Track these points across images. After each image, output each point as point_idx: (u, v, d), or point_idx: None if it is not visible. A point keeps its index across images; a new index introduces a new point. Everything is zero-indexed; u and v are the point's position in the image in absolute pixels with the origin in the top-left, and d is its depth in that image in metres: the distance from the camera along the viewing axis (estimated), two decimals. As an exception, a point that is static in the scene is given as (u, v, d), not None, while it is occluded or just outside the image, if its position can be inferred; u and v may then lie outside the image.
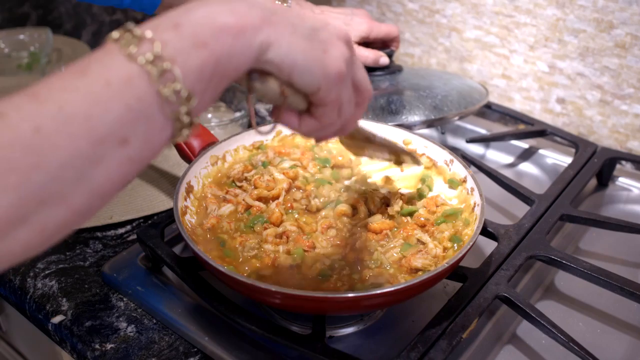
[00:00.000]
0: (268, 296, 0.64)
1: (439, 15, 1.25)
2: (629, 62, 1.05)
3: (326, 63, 0.50)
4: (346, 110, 0.55)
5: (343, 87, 0.53)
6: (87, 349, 0.71)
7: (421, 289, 0.67)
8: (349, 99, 0.55)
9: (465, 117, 1.03)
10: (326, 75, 0.50)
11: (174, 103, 0.42)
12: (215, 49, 0.43)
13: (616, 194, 0.99)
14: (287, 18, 0.48)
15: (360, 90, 0.57)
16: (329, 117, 0.54)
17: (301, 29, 0.49)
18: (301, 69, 0.48)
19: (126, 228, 0.90)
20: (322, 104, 0.52)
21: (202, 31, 0.43)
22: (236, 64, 0.45)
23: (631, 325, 0.75)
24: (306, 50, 0.48)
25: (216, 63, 0.44)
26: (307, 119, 0.55)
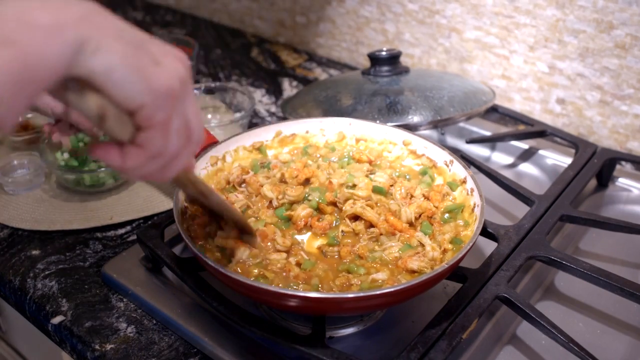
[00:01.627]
0: (268, 296, 0.64)
1: (439, 15, 1.25)
2: (628, 63, 1.05)
3: (154, 76, 0.44)
4: (174, 142, 0.48)
5: (174, 109, 0.47)
6: (87, 349, 0.71)
7: (421, 290, 0.67)
8: (178, 129, 0.48)
9: (471, 118, 1.03)
10: (152, 89, 0.44)
11: None
12: (23, 47, 0.38)
13: (616, 194, 0.99)
14: (112, 21, 0.44)
15: (190, 127, 0.50)
16: (156, 143, 0.47)
17: (129, 36, 0.44)
18: (120, 77, 0.42)
19: (126, 228, 0.90)
20: (147, 126, 0.46)
21: (11, 27, 0.38)
22: (48, 66, 0.39)
23: (631, 325, 0.75)
24: (130, 56, 0.43)
25: (25, 64, 0.38)
26: (132, 150, 0.47)
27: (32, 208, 0.92)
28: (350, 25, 1.39)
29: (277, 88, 1.32)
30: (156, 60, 0.45)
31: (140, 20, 1.65)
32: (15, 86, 0.38)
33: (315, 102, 1.06)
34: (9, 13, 0.39)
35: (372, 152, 0.89)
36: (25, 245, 0.86)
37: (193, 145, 0.51)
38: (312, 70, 1.40)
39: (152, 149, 0.47)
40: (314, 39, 1.48)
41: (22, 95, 0.39)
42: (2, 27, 0.38)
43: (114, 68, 0.42)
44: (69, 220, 0.90)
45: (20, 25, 0.38)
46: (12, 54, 0.38)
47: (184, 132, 0.49)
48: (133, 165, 0.48)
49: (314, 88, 1.12)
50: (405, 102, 1.00)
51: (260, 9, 1.55)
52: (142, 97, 0.44)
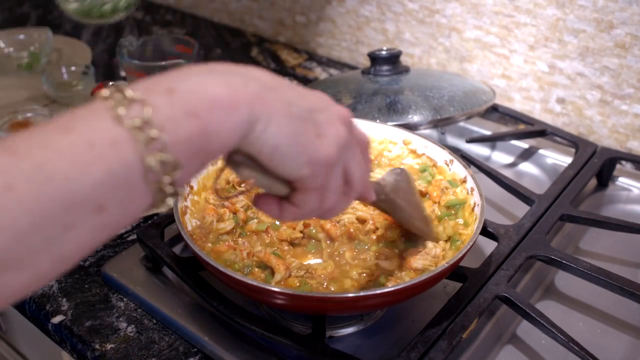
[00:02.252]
0: (268, 296, 0.64)
1: (439, 15, 1.25)
2: (629, 62, 1.05)
3: (315, 149, 0.47)
4: (329, 199, 0.51)
5: (330, 174, 0.49)
6: (87, 349, 0.71)
7: (421, 289, 0.67)
8: (334, 188, 0.51)
9: (471, 118, 1.03)
10: (313, 161, 0.47)
11: (157, 172, 0.39)
12: (206, 121, 0.41)
13: (616, 194, 0.99)
14: (283, 95, 0.46)
15: (350, 182, 0.52)
16: (310, 205, 0.50)
17: (297, 109, 0.46)
18: (284, 153, 0.45)
19: (126, 228, 0.90)
20: (304, 191, 0.49)
21: (195, 100, 0.41)
22: (224, 140, 0.42)
23: (631, 325, 0.75)
24: (295, 133, 0.45)
25: (205, 136, 0.41)
26: (287, 207, 0.51)
27: (32, 208, 0.92)
28: (351, 25, 1.39)
29: (277, 87, 1.32)
30: (319, 132, 0.47)
31: (140, 20, 1.65)
32: (193, 155, 0.41)
33: (315, 101, 1.06)
34: (194, 85, 0.41)
35: (372, 152, 0.89)
36: (25, 244, 0.86)
37: (353, 194, 0.54)
38: (312, 69, 1.40)
39: (308, 208, 0.51)
40: (314, 39, 1.48)
41: (196, 162, 0.42)
42: (189, 99, 0.41)
43: (280, 145, 0.45)
44: (69, 219, 0.90)
45: (204, 99, 0.41)
46: (196, 126, 0.40)
47: (340, 187, 0.51)
48: (290, 219, 0.53)
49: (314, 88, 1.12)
50: (405, 102, 1.00)
51: (260, 8, 1.55)
52: (301, 170, 0.47)
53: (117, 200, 0.38)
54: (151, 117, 0.39)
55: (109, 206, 0.38)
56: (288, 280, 0.69)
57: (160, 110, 0.39)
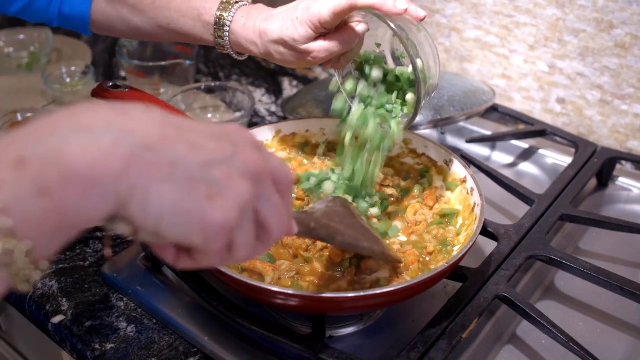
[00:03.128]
0: (268, 296, 0.64)
1: (439, 15, 1.25)
2: (629, 62, 1.05)
3: (208, 213, 0.40)
4: (240, 253, 0.45)
5: (234, 234, 0.43)
6: (87, 349, 0.71)
7: (421, 289, 0.67)
8: (245, 242, 0.45)
9: (471, 118, 1.03)
10: (203, 228, 0.40)
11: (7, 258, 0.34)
12: (61, 200, 0.35)
13: (616, 194, 0.99)
14: (166, 153, 0.39)
15: (267, 228, 0.46)
16: (212, 261, 0.45)
17: (183, 168, 0.39)
18: (169, 224, 0.39)
19: None
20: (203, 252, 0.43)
21: (49, 174, 0.35)
22: (87, 217, 0.37)
23: (631, 325, 0.75)
24: (180, 200, 0.39)
25: (62, 216, 0.36)
26: (185, 258, 0.45)
27: (32, 207, 0.92)
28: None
29: (277, 87, 1.32)
30: (213, 193, 0.40)
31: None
32: (52, 235, 0.36)
33: (315, 101, 1.06)
34: (50, 153, 0.35)
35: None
36: (25, 244, 0.86)
37: (271, 241, 0.47)
38: (312, 69, 1.40)
39: (207, 264, 0.45)
40: (314, 39, 1.48)
41: (59, 239, 0.37)
42: (40, 173, 0.35)
43: (162, 216, 0.39)
44: (69, 219, 0.90)
45: (56, 172, 0.35)
46: (48, 206, 0.35)
47: (252, 239, 0.45)
48: (188, 267, 0.46)
49: (314, 87, 1.12)
50: (405, 102, 0.99)
51: (260, 8, 1.55)
52: (192, 239, 0.41)
53: None
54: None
55: None
56: (280, 281, 0.69)
57: (6, 187, 0.34)
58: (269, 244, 0.48)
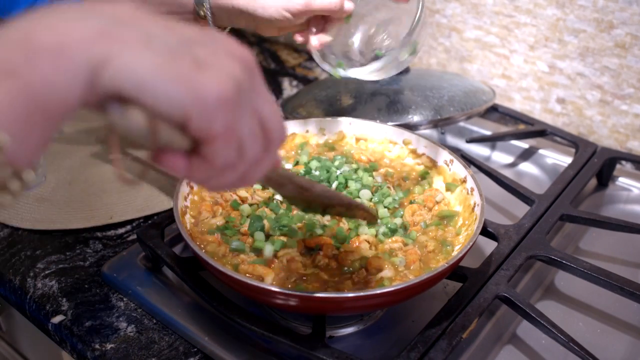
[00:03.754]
0: (268, 296, 0.64)
1: (439, 15, 1.25)
2: (629, 62, 1.05)
3: (198, 82, 0.37)
4: (250, 150, 0.42)
5: (236, 116, 0.40)
6: (87, 349, 0.71)
7: (421, 289, 0.67)
8: (250, 134, 0.42)
9: (471, 118, 1.03)
10: (198, 98, 0.37)
11: None
12: (25, 77, 0.33)
13: (616, 194, 0.99)
14: (141, 28, 0.37)
15: (267, 126, 0.43)
16: (223, 156, 0.41)
17: (160, 42, 0.37)
18: (155, 88, 0.36)
19: (126, 228, 0.90)
20: (206, 139, 0.39)
21: (14, 56, 0.34)
22: (61, 94, 0.35)
23: (631, 325, 0.75)
24: (163, 64, 0.36)
25: (31, 95, 0.34)
26: (197, 162, 0.41)
27: (32, 207, 0.92)
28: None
29: (277, 87, 1.32)
30: (201, 64, 0.38)
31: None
32: (26, 121, 0.34)
33: (315, 101, 1.06)
34: (16, 36, 0.34)
35: (374, 154, 0.90)
36: (25, 244, 0.86)
37: (274, 145, 0.45)
38: (312, 69, 1.40)
39: (221, 161, 0.41)
40: (314, 39, 1.48)
41: (37, 129, 0.35)
42: (6, 56, 0.34)
43: (145, 80, 0.36)
44: (69, 219, 0.90)
45: (21, 51, 0.34)
46: (16, 87, 0.33)
47: (259, 135, 0.43)
48: (202, 178, 0.42)
49: (314, 87, 1.12)
50: (405, 102, 1.00)
51: (260, 8, 1.55)
52: (185, 108, 0.37)
53: None
54: None
55: None
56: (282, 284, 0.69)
57: None
58: (274, 146, 0.45)
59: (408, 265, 0.71)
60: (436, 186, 0.85)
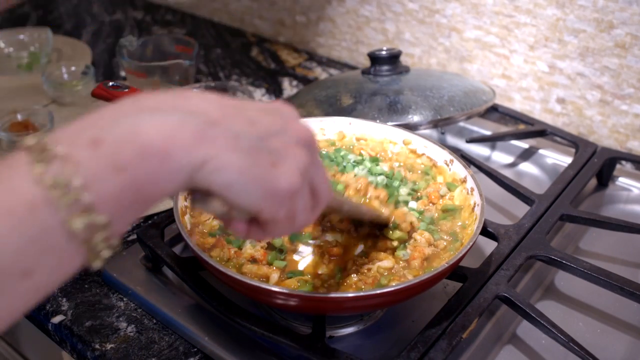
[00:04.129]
0: (268, 296, 0.64)
1: (439, 15, 1.25)
2: (629, 62, 1.05)
3: (272, 180, 0.43)
4: (300, 220, 0.48)
5: (295, 201, 0.46)
6: (87, 349, 0.71)
7: (421, 289, 0.67)
8: (304, 208, 0.48)
9: (471, 118, 1.03)
10: (271, 194, 0.44)
11: (86, 232, 0.36)
12: (137, 174, 0.38)
13: (616, 194, 0.99)
14: (229, 128, 0.42)
15: (317, 194, 0.50)
16: (280, 230, 0.48)
17: (246, 140, 0.42)
18: (237, 191, 0.42)
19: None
20: (271, 220, 0.46)
21: (124, 152, 0.37)
22: (162, 189, 0.40)
23: (631, 325, 0.75)
24: (247, 167, 0.42)
25: (138, 189, 0.38)
26: (256, 229, 0.48)
27: (32, 207, 0.92)
28: (350, 25, 1.39)
29: (277, 87, 1.32)
30: (276, 161, 0.44)
31: (140, 20, 1.65)
32: (126, 209, 0.38)
33: (315, 101, 1.06)
34: (124, 133, 0.38)
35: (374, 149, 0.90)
36: (25, 244, 0.86)
37: (320, 207, 0.51)
38: (312, 69, 1.40)
39: (276, 233, 0.48)
40: (314, 39, 1.48)
41: (130, 214, 0.39)
42: (116, 151, 0.37)
43: (232, 183, 0.41)
44: (69, 219, 0.89)
45: (133, 150, 0.37)
46: (126, 181, 0.37)
47: (309, 206, 0.49)
48: (256, 238, 0.52)
49: (314, 88, 1.12)
50: (405, 102, 1.00)
51: (260, 8, 1.55)
52: (261, 203, 0.44)
53: (45, 264, 0.36)
54: (73, 176, 0.35)
55: (36, 271, 0.36)
56: (286, 282, 0.69)
57: (84, 166, 0.36)
58: (319, 209, 0.51)
59: (410, 261, 0.71)
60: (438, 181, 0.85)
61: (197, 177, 0.40)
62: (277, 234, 0.49)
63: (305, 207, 0.48)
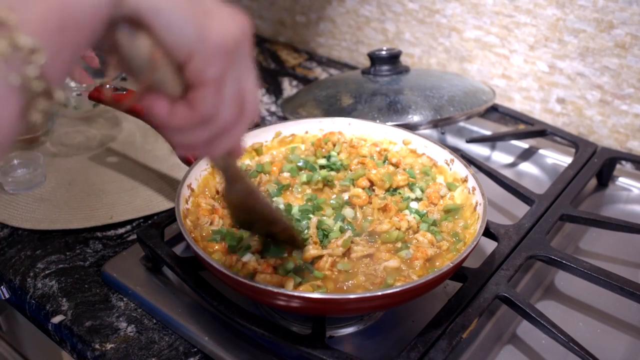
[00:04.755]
0: (268, 297, 0.64)
1: (439, 15, 1.25)
2: (629, 62, 1.05)
3: (207, 25, 0.41)
4: (225, 109, 0.45)
5: (227, 70, 0.44)
6: (87, 349, 0.71)
7: (423, 290, 0.66)
8: (231, 96, 0.45)
9: (471, 118, 1.03)
10: (204, 38, 0.41)
11: (14, 62, 0.34)
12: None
13: (616, 194, 0.99)
14: None
15: (244, 98, 0.47)
16: (206, 104, 0.44)
17: None
18: (170, 18, 0.40)
19: (126, 228, 0.90)
20: (199, 82, 0.43)
21: None
22: (90, 10, 0.37)
23: (631, 325, 0.75)
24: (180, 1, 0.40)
25: (64, 8, 0.36)
26: (180, 107, 0.44)
27: (32, 207, 0.92)
28: (351, 25, 1.39)
29: (277, 87, 1.32)
30: (208, 12, 0.42)
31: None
32: (59, 33, 0.36)
33: (315, 101, 1.06)
34: None
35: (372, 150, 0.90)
36: (25, 244, 0.86)
37: (246, 119, 0.48)
38: (312, 69, 1.40)
39: (202, 109, 0.44)
40: (314, 39, 1.48)
41: (67, 44, 0.37)
42: None
43: (163, 8, 0.39)
44: (69, 219, 0.90)
45: None
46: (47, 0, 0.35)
47: (236, 101, 0.46)
48: (179, 124, 0.45)
49: (314, 87, 1.12)
50: (405, 102, 1.00)
51: (260, 8, 1.55)
52: (192, 44, 0.41)
53: None
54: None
55: None
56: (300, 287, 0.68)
57: None
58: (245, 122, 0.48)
59: (412, 261, 0.71)
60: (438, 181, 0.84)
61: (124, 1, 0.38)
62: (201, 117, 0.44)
63: (232, 97, 0.45)
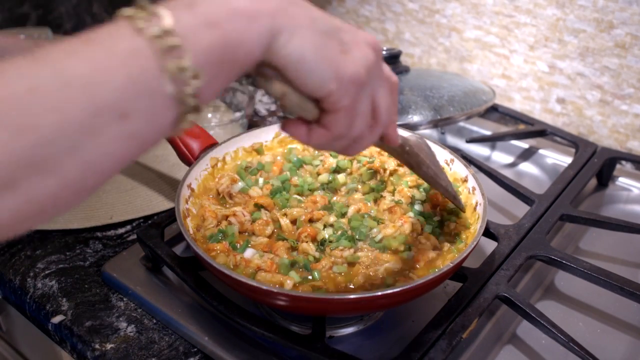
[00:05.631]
0: (268, 297, 0.64)
1: (439, 15, 1.25)
2: (629, 62, 1.05)
3: (342, 64, 0.47)
4: (357, 125, 0.52)
5: (360, 95, 0.50)
6: (87, 349, 0.71)
7: (424, 290, 0.66)
8: (363, 113, 0.52)
9: (471, 118, 1.03)
10: (339, 77, 0.47)
11: (179, 81, 0.40)
12: (226, 30, 0.42)
13: (616, 194, 0.99)
14: (307, 11, 0.47)
15: (377, 114, 0.53)
16: (340, 126, 0.51)
17: (321, 25, 0.47)
18: (310, 66, 0.46)
19: (126, 228, 0.90)
20: (333, 110, 0.49)
21: (216, 12, 0.42)
22: (247, 49, 0.44)
23: (631, 325, 0.75)
24: (320, 46, 0.46)
25: (226, 45, 0.42)
26: (316, 129, 0.52)
27: (32, 207, 0.92)
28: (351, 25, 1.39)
29: (277, 87, 1.32)
30: (345, 49, 0.48)
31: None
32: (218, 66, 0.42)
33: (315, 101, 1.06)
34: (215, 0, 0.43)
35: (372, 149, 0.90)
36: (25, 244, 0.86)
37: (378, 128, 0.54)
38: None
39: (336, 130, 0.51)
40: (314, 39, 1.48)
41: (222, 74, 0.43)
42: (209, 10, 0.42)
43: (305, 56, 0.46)
44: (69, 219, 0.90)
45: (225, 10, 0.42)
46: (216, 35, 0.41)
47: (368, 116, 0.52)
48: (317, 143, 0.53)
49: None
50: (405, 102, 0.99)
51: (260, 8, 1.55)
52: (329, 85, 0.47)
53: (140, 108, 0.39)
54: (171, 27, 0.40)
55: (132, 114, 0.39)
56: (301, 287, 0.68)
57: (181, 21, 0.40)
58: (378, 130, 0.54)
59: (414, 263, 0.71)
60: None
61: (274, 46, 0.45)
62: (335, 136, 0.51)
63: (364, 114, 0.51)
